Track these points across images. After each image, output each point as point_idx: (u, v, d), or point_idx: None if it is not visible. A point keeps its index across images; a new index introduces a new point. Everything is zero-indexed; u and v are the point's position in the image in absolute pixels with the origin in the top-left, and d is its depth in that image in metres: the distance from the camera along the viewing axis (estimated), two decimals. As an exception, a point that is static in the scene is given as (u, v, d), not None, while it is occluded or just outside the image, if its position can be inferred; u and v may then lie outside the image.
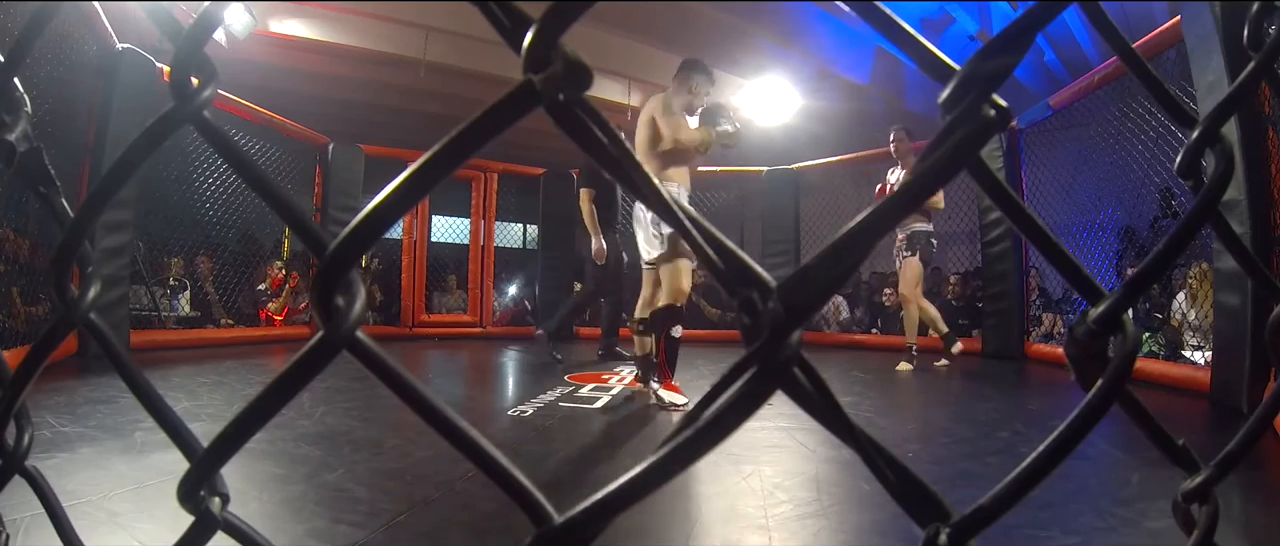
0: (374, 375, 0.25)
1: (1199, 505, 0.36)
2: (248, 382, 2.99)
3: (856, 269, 0.23)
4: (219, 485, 0.32)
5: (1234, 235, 0.38)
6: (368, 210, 0.24)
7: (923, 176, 0.23)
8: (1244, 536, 1.27)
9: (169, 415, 0.35)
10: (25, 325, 3.05)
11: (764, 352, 0.22)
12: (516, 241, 9.05)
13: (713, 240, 0.25)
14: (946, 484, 1.60)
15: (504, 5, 0.24)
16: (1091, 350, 0.29)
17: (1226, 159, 0.34)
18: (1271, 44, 0.36)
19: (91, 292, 0.38)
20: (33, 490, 0.44)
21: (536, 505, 0.25)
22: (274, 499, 1.38)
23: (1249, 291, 2.48)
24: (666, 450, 0.22)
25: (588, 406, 2.63)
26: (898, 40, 0.28)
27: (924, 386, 3.47)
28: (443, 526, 1.28)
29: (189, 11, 3.99)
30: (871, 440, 0.26)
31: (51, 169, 0.41)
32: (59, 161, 3.17)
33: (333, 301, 0.24)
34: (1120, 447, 1.82)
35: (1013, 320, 4.65)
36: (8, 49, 0.42)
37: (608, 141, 0.25)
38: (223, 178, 4.71)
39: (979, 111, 0.23)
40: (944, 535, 0.26)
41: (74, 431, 1.85)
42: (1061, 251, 0.30)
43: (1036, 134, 4.70)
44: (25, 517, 1.08)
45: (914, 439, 2.11)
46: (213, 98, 0.33)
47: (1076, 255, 0.51)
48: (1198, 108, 2.56)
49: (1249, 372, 2.44)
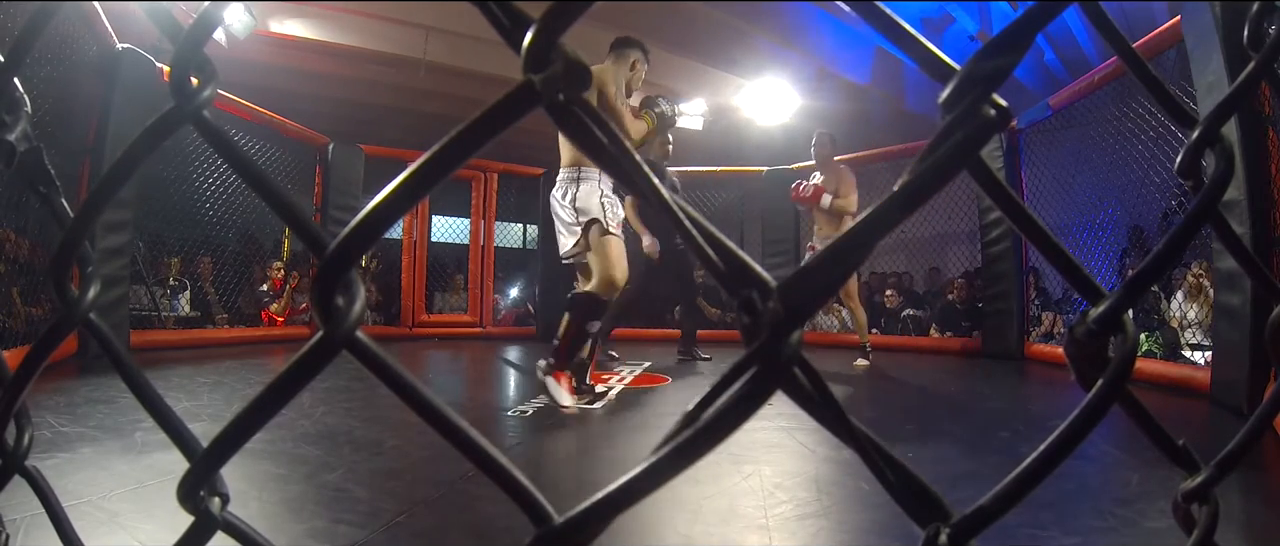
0: (374, 375, 0.25)
1: (1199, 505, 0.36)
2: (248, 382, 2.99)
3: (856, 269, 0.23)
4: (219, 485, 0.32)
5: (1234, 235, 0.38)
6: (368, 210, 0.24)
7: (923, 176, 0.23)
8: (1244, 536, 1.27)
9: (169, 415, 0.35)
10: (25, 325, 3.05)
11: (764, 352, 0.22)
12: (517, 241, 9.05)
13: (713, 240, 0.25)
14: (946, 484, 1.60)
15: (504, 5, 0.24)
16: (1091, 350, 0.29)
17: (1226, 159, 0.34)
18: (1271, 44, 0.36)
19: (91, 292, 0.38)
20: (33, 490, 0.44)
21: (536, 505, 0.25)
22: (274, 499, 1.38)
23: (1249, 291, 2.48)
24: (666, 450, 0.22)
25: (588, 406, 2.63)
26: (898, 40, 0.28)
27: (924, 386, 3.47)
28: (443, 526, 1.28)
29: (189, 11, 4.00)
30: (871, 440, 0.26)
31: (51, 169, 0.41)
32: (59, 161, 3.17)
33: (333, 301, 0.24)
34: (1120, 447, 1.82)
35: (1013, 320, 4.66)
36: (8, 49, 0.42)
37: (607, 141, 0.25)
38: (223, 177, 4.71)
39: (979, 111, 0.23)
40: (944, 535, 0.26)
41: (74, 431, 1.85)
42: (1061, 251, 0.30)
43: (1036, 134, 4.70)
44: (25, 517, 1.08)
45: (914, 439, 2.11)
46: (213, 97, 0.33)
47: (1076, 255, 0.51)
48: (1198, 108, 2.56)
49: (1249, 372, 2.44)
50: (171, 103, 0.33)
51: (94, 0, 3.27)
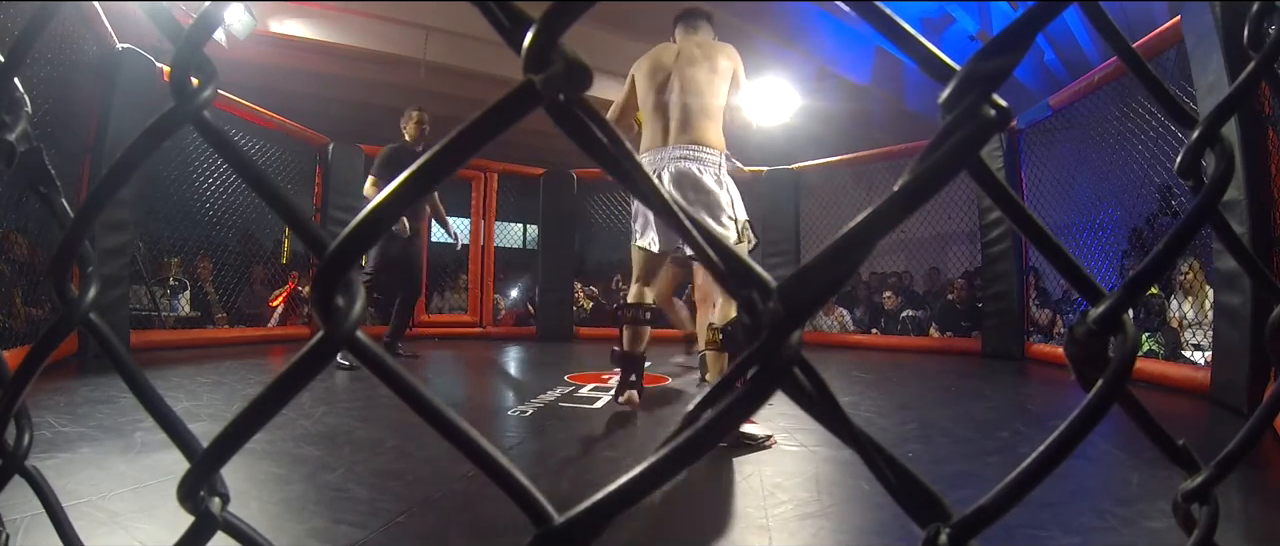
0: (374, 375, 0.25)
1: (1199, 505, 0.36)
2: (248, 382, 2.99)
3: (857, 269, 0.23)
4: (219, 485, 0.32)
5: (1234, 235, 0.38)
6: (368, 210, 0.24)
7: (923, 176, 0.23)
8: (1244, 536, 1.27)
9: (169, 415, 0.35)
10: (25, 325, 3.05)
11: (764, 353, 0.22)
12: (517, 241, 9.05)
13: (713, 240, 0.25)
14: (946, 484, 1.60)
15: (504, 5, 0.24)
16: (1091, 350, 0.29)
17: (1226, 159, 0.34)
18: (1271, 44, 0.36)
19: (91, 292, 0.38)
20: (33, 490, 0.44)
21: (536, 505, 0.25)
22: (274, 499, 1.38)
23: (1249, 291, 2.48)
24: (667, 450, 0.22)
25: (588, 406, 2.62)
26: (898, 40, 0.28)
27: (924, 386, 3.47)
28: (443, 526, 1.28)
29: (189, 11, 4.00)
30: (871, 440, 0.26)
31: (51, 169, 0.41)
32: (59, 161, 3.17)
33: (333, 301, 0.24)
34: (1120, 447, 1.82)
35: (1013, 320, 4.66)
36: (8, 49, 0.42)
37: (608, 141, 0.25)
38: (223, 178, 4.71)
39: (979, 111, 0.23)
40: (944, 535, 0.26)
41: (74, 431, 1.85)
42: (1061, 251, 0.30)
43: (1036, 134, 4.70)
44: (25, 517, 1.08)
45: (914, 439, 2.11)
46: (213, 98, 0.33)
47: (1076, 255, 0.51)
48: (1198, 108, 2.56)
49: (1249, 372, 2.44)
50: (171, 103, 0.33)
51: (94, 0, 3.27)
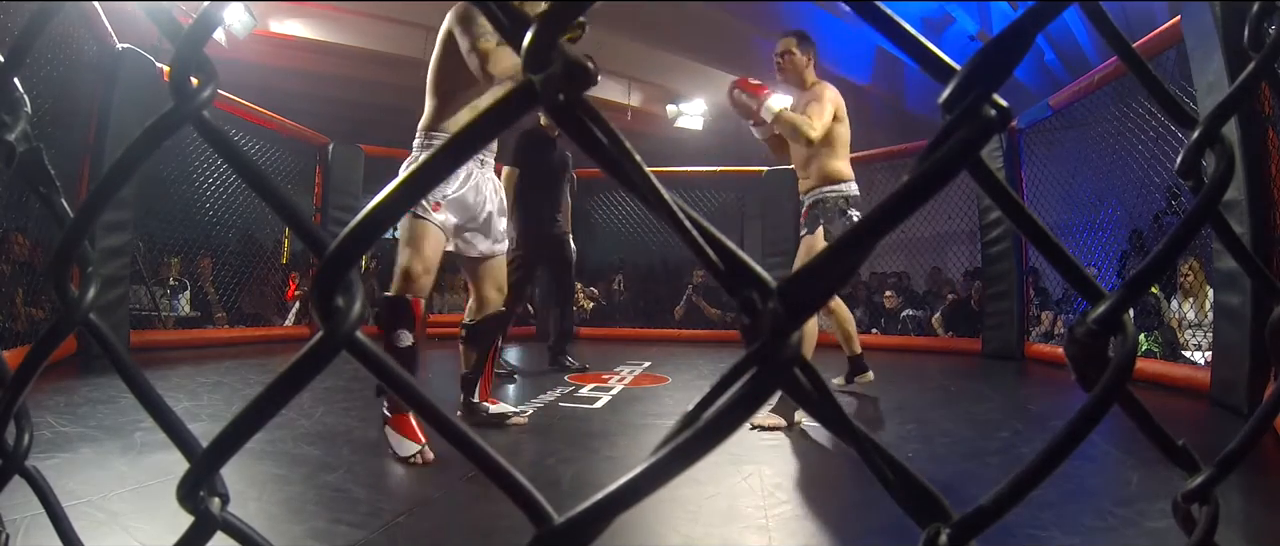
0: (374, 375, 0.25)
1: (1199, 505, 0.36)
2: (248, 382, 2.99)
3: (857, 268, 0.23)
4: (218, 485, 0.32)
5: (1234, 235, 0.38)
6: (368, 210, 0.24)
7: (923, 176, 0.23)
8: (1244, 536, 1.27)
9: (168, 415, 0.35)
10: (26, 326, 3.05)
11: (764, 352, 0.22)
12: (516, 241, 9.03)
13: (713, 240, 0.25)
14: (946, 484, 1.60)
15: (504, 5, 0.24)
16: (1091, 350, 0.29)
17: (1227, 159, 0.34)
18: (1271, 44, 0.36)
19: (91, 293, 0.38)
20: (33, 490, 0.44)
21: (536, 505, 0.24)
22: (274, 499, 1.38)
23: (1249, 291, 2.48)
24: (666, 450, 0.22)
25: (588, 406, 2.62)
26: (898, 40, 0.27)
27: (924, 386, 3.47)
28: (443, 526, 1.28)
29: (189, 11, 4.00)
30: (871, 440, 0.26)
31: (51, 169, 0.41)
32: (59, 161, 3.17)
33: (332, 301, 0.24)
34: (1120, 447, 1.82)
35: (1013, 320, 4.66)
36: (8, 49, 0.42)
37: (608, 141, 0.24)
38: (223, 177, 4.71)
39: (979, 112, 0.23)
40: (944, 535, 0.26)
41: (74, 431, 1.85)
42: (1061, 251, 0.30)
43: (1036, 134, 4.70)
44: (25, 517, 1.08)
45: (914, 439, 2.11)
46: (213, 98, 0.33)
47: (1077, 255, 0.51)
48: (1198, 108, 2.56)
49: (1249, 372, 2.44)
50: (171, 103, 0.33)
51: (94, 0, 3.27)
